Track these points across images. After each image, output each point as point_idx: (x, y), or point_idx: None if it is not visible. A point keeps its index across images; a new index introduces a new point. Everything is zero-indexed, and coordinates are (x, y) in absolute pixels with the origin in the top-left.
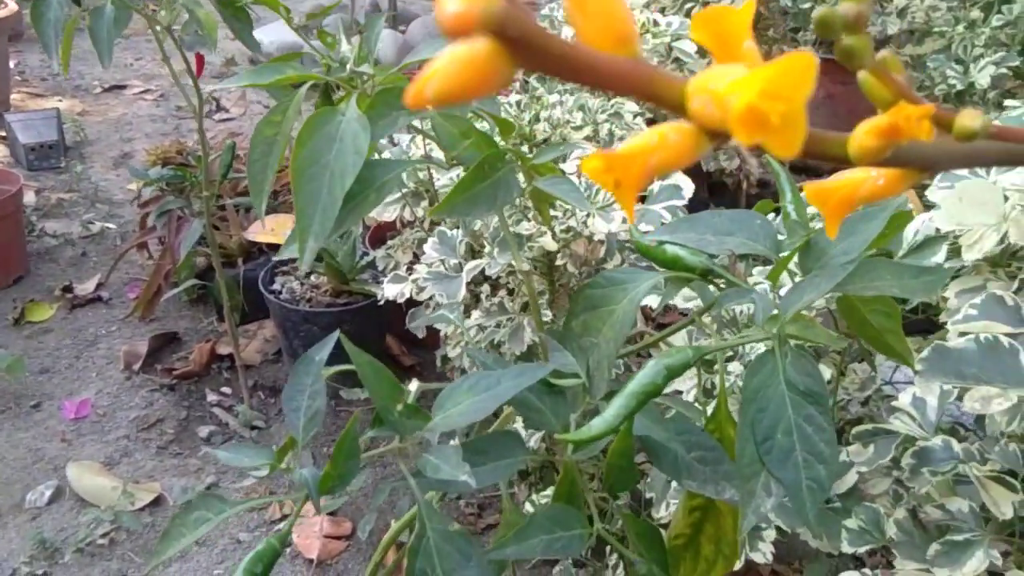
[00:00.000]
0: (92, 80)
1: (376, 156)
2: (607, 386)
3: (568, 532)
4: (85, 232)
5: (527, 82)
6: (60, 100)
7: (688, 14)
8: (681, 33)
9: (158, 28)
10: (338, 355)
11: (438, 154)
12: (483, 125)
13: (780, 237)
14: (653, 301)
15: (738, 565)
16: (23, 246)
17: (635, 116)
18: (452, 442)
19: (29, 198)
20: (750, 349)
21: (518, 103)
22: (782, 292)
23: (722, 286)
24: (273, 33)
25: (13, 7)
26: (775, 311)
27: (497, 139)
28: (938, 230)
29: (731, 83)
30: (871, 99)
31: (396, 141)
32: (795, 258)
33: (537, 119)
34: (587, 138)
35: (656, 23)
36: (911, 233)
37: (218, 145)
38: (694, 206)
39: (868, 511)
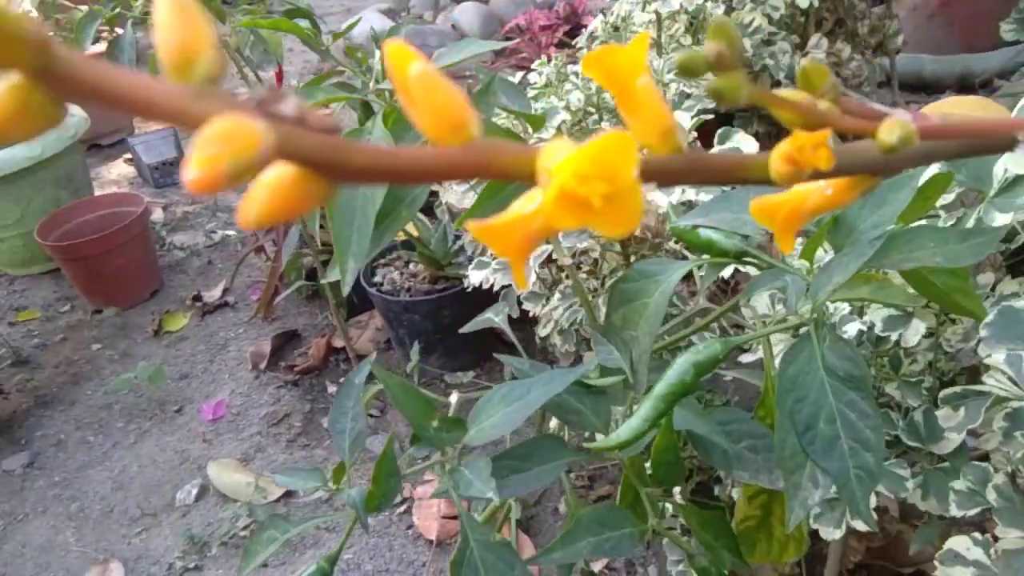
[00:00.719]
0: None
1: None
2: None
3: (617, 532)
4: (209, 241)
5: (592, 48)
6: None
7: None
8: None
9: (231, 48)
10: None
11: None
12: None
13: None
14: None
15: (839, 534)
16: (155, 261)
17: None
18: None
19: (157, 215)
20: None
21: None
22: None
23: (762, 267)
24: (362, 23)
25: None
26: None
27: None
28: None
29: (555, 166)
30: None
31: None
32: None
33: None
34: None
35: None
36: (1000, 170)
37: None
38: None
39: (977, 471)
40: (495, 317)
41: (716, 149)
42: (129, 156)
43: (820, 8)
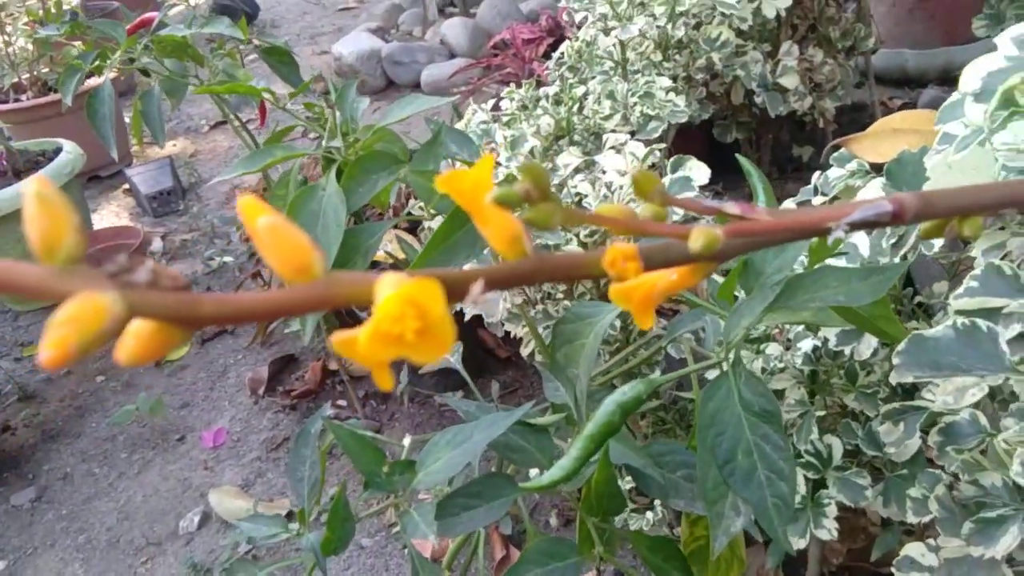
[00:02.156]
0: (200, 119)
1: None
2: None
3: (563, 562)
4: (207, 269)
5: (562, 75)
6: (174, 144)
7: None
8: None
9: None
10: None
11: None
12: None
13: None
14: None
15: (803, 544)
16: None
17: (667, 92)
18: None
19: (156, 244)
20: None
21: (556, 97)
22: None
23: (691, 305)
24: (352, 44)
25: None
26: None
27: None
28: None
29: (377, 303)
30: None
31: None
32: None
33: (572, 110)
34: (619, 125)
35: None
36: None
37: None
38: (777, 154)
39: (931, 477)
40: (450, 357)
41: (668, 178)
42: (127, 187)
43: (791, 15)
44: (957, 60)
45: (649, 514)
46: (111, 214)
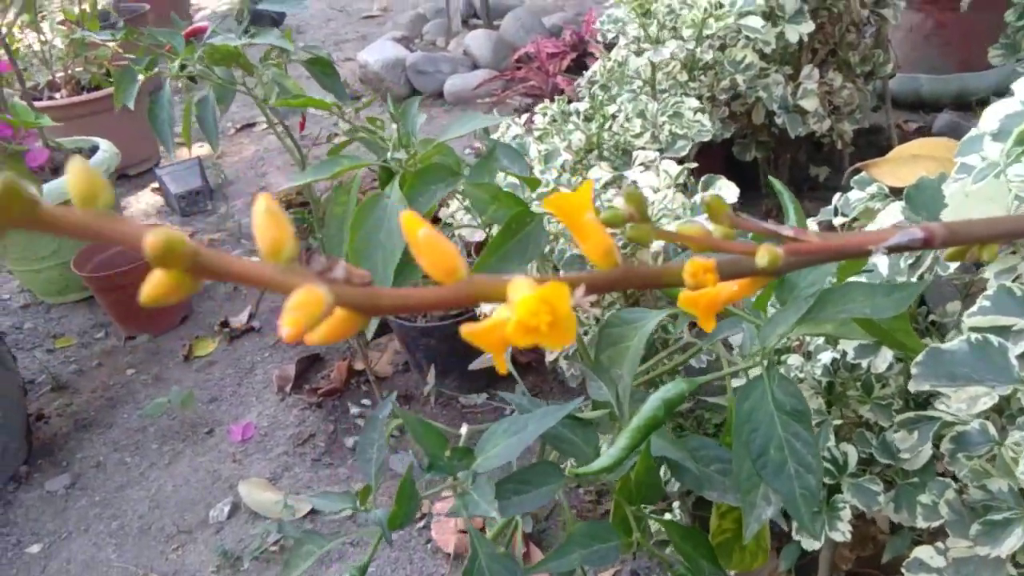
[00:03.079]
0: (226, 121)
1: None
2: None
3: (604, 544)
4: None
5: (592, 93)
6: (200, 145)
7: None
8: (748, 10)
9: (260, 100)
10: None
11: None
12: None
13: None
14: None
15: (818, 545)
16: None
17: (695, 112)
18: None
19: None
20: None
21: (586, 113)
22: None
23: (724, 315)
24: (377, 52)
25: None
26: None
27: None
28: None
29: (515, 301)
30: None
31: None
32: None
33: (603, 127)
34: (648, 143)
35: (720, 4)
36: (945, 215)
37: (328, 186)
38: (795, 174)
39: (940, 485)
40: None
41: (700, 195)
42: (156, 186)
43: (812, 40)
44: (971, 86)
45: (668, 516)
46: (140, 212)
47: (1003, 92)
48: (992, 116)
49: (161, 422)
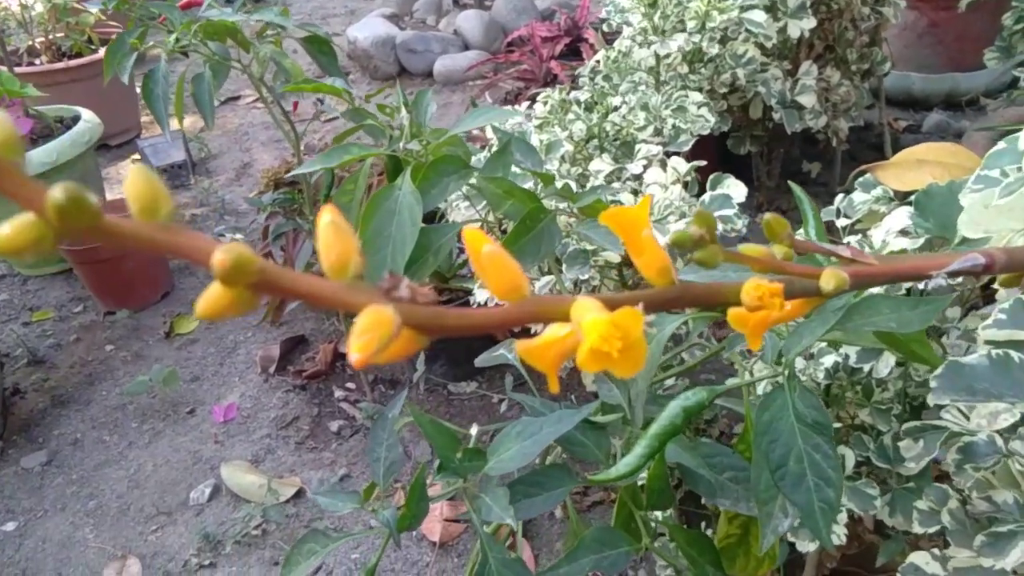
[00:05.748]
0: None
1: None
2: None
3: (615, 550)
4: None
5: (595, 83)
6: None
7: None
8: (750, 3)
9: (256, 77)
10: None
11: None
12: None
13: None
14: None
15: (813, 547)
16: (166, 264)
17: (699, 107)
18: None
19: None
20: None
21: (587, 103)
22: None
23: None
24: (367, 28)
25: None
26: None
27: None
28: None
29: (585, 324)
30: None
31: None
32: None
33: (605, 117)
34: (651, 136)
35: None
36: (961, 227)
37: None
38: (787, 168)
39: (938, 492)
40: (508, 354)
41: (708, 194)
42: (137, 156)
43: (811, 36)
44: (962, 86)
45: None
46: (119, 183)
47: (994, 92)
48: None
49: (141, 400)
